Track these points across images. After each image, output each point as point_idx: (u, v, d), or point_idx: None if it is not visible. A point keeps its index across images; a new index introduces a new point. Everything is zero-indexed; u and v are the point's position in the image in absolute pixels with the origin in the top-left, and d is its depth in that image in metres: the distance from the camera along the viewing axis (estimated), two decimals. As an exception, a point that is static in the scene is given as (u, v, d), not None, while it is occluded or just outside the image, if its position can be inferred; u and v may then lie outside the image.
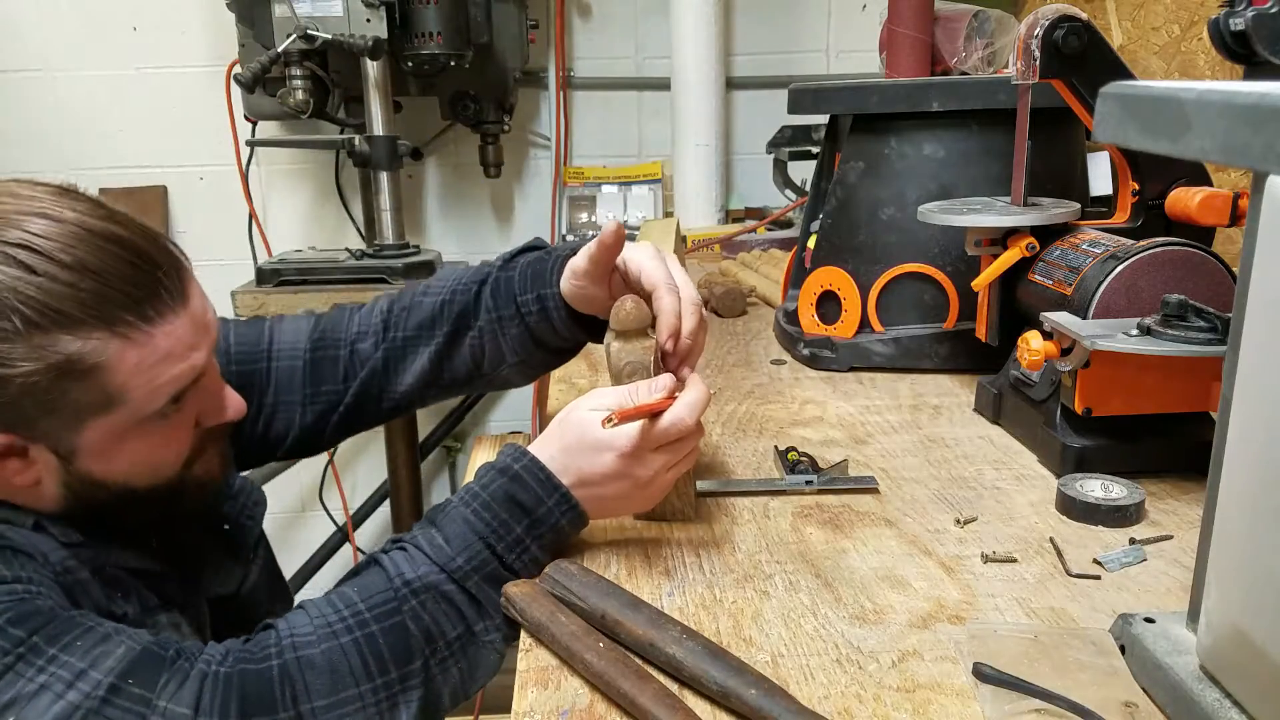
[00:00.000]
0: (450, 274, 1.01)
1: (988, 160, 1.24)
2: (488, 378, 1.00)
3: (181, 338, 0.77)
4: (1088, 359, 0.87)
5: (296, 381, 1.02)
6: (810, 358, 1.31)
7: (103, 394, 0.73)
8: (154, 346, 0.75)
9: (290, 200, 2.65)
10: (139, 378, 0.74)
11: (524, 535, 0.75)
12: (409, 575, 0.73)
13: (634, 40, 2.59)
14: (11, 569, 0.72)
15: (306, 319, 1.05)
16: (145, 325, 0.74)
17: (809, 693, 0.62)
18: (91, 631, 0.69)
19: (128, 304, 0.73)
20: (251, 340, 1.02)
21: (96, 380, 0.73)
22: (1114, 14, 1.83)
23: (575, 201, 2.52)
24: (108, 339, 0.72)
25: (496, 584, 0.74)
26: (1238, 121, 0.44)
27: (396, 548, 0.76)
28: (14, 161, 2.56)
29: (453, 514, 0.76)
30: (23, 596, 0.69)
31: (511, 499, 0.76)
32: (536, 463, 0.77)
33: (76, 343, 0.71)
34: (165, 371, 0.76)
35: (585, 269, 0.89)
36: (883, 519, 0.86)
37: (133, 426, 0.77)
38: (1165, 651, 0.60)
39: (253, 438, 1.02)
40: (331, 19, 2.01)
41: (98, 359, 0.72)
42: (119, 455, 0.78)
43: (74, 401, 0.73)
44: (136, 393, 0.75)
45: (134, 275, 0.74)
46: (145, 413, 0.76)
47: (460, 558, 0.74)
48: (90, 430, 0.75)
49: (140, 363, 0.74)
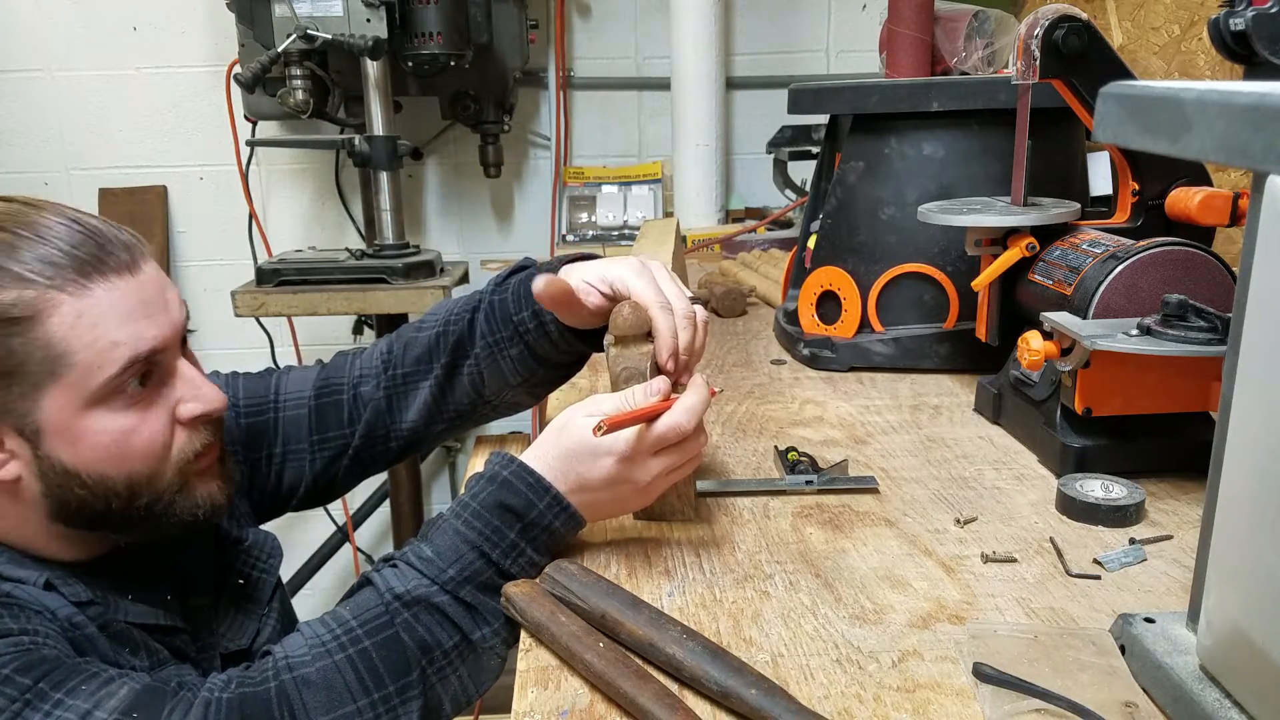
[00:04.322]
0: (444, 305, 1.01)
1: (988, 160, 1.24)
2: (493, 404, 1.00)
3: (125, 297, 0.77)
4: (1088, 359, 0.87)
5: (303, 430, 1.02)
6: (810, 358, 1.31)
7: (46, 351, 0.73)
8: (93, 301, 0.75)
9: (290, 200, 2.65)
10: (82, 335, 0.74)
11: (518, 539, 0.75)
12: (399, 589, 0.73)
13: (634, 40, 2.59)
14: (18, 622, 0.73)
15: (313, 369, 1.05)
16: (83, 279, 0.75)
17: (809, 693, 0.62)
18: (95, 676, 0.70)
19: (65, 261, 0.74)
20: (259, 393, 1.02)
21: (36, 334, 0.73)
22: (1114, 14, 1.83)
23: (575, 201, 2.52)
24: (42, 290, 0.73)
25: (495, 591, 0.75)
26: (1238, 121, 0.44)
27: (388, 565, 0.77)
28: (14, 161, 2.56)
29: (444, 526, 0.77)
30: (28, 647, 0.70)
31: (501, 505, 0.76)
32: (524, 467, 0.77)
33: (9, 293, 0.72)
34: (110, 331, 0.75)
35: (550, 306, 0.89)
36: (883, 519, 0.86)
37: (93, 400, 0.76)
38: (1165, 651, 0.60)
39: (265, 489, 1.03)
40: (331, 19, 2.01)
41: (32, 309, 0.73)
42: (85, 437, 0.77)
43: (21, 362, 0.73)
44: (82, 353, 0.74)
45: (76, 239, 0.76)
46: (100, 379, 0.75)
47: (452, 569, 0.74)
48: (48, 400, 0.75)
49: (80, 317, 0.74)
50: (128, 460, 0.79)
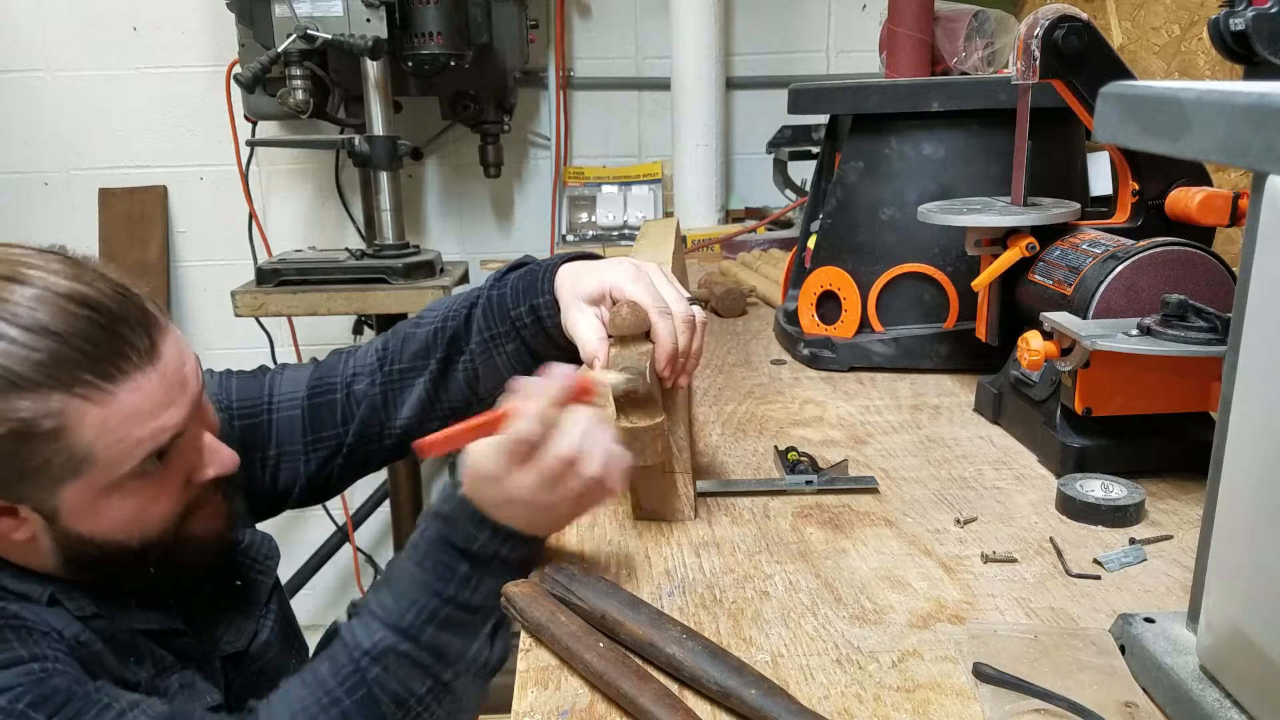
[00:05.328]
0: (444, 302, 1.00)
1: (988, 160, 1.24)
2: (487, 403, 0.97)
3: (150, 394, 0.76)
4: (1088, 359, 0.87)
5: (297, 430, 1.01)
6: (810, 358, 1.31)
7: (69, 455, 0.73)
8: (118, 404, 0.74)
9: (290, 200, 2.65)
10: (106, 437, 0.74)
11: (471, 572, 0.75)
12: (366, 645, 0.74)
13: (634, 40, 2.59)
14: (27, 647, 0.73)
15: (307, 367, 1.05)
16: (106, 384, 0.73)
17: (809, 693, 0.62)
18: (108, 709, 0.71)
19: (86, 363, 0.72)
20: (253, 394, 1.02)
21: (61, 442, 0.72)
22: (1114, 14, 1.83)
23: (575, 201, 2.52)
24: (66, 400, 0.71)
25: (455, 626, 0.75)
26: (1238, 121, 0.44)
27: (354, 614, 0.78)
28: (14, 161, 2.56)
29: (397, 569, 0.77)
30: (40, 676, 0.71)
31: (445, 541, 0.75)
32: (464, 501, 0.75)
33: (33, 406, 0.70)
34: (134, 430, 0.75)
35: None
36: (883, 519, 0.86)
37: (113, 486, 0.76)
38: (1165, 651, 0.60)
39: (261, 490, 1.03)
40: (331, 19, 2.01)
41: (57, 422, 0.71)
42: (102, 514, 0.78)
43: (43, 464, 0.73)
44: (106, 453, 0.74)
45: (95, 334, 0.73)
46: (120, 472, 0.76)
47: (409, 614, 0.74)
48: (68, 492, 0.75)
49: (105, 422, 0.73)
50: (144, 528, 0.81)
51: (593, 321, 0.83)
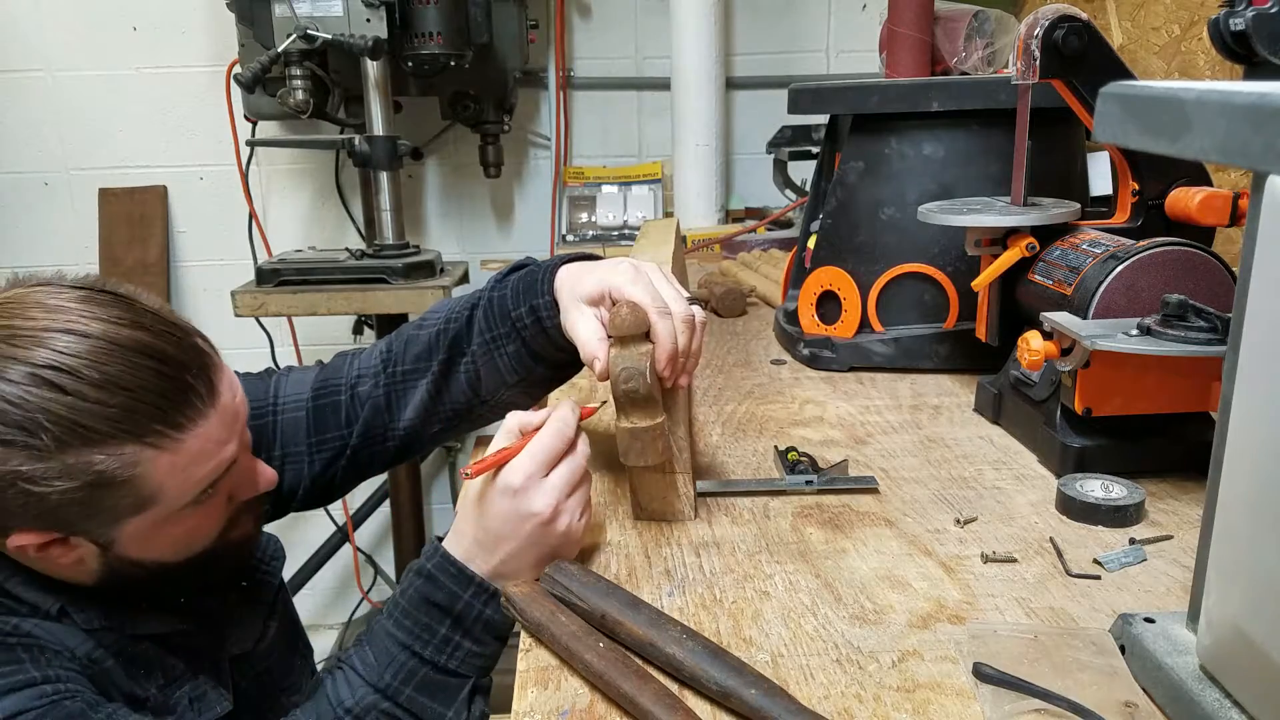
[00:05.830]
0: (446, 304, 1.01)
1: (988, 160, 1.24)
2: (489, 404, 0.99)
3: (213, 436, 0.79)
4: (1088, 359, 0.87)
5: (301, 432, 1.02)
6: (810, 358, 1.31)
7: (138, 498, 0.76)
8: (186, 450, 0.76)
9: (290, 200, 2.65)
10: (173, 479, 0.77)
11: (450, 634, 0.76)
12: (349, 703, 0.76)
13: (634, 40, 2.59)
14: (40, 668, 0.74)
15: (312, 369, 1.05)
16: (176, 433, 0.75)
17: (809, 693, 0.62)
18: None
19: (157, 415, 0.74)
20: (258, 396, 1.02)
21: (131, 487, 0.75)
22: (1114, 14, 1.83)
23: (575, 201, 2.52)
24: (139, 450, 0.74)
25: (432, 689, 0.76)
26: (1238, 121, 0.44)
27: (338, 668, 0.79)
28: (14, 161, 2.56)
29: (378, 627, 0.78)
30: (53, 699, 0.72)
31: (427, 601, 0.76)
32: (448, 558, 0.76)
33: (108, 459, 0.72)
34: (199, 470, 0.78)
35: None
36: (883, 519, 0.86)
37: (170, 516, 0.79)
38: (1165, 651, 0.60)
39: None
40: (331, 19, 2.01)
41: (131, 471, 0.74)
42: (155, 541, 0.80)
43: (111, 506, 0.75)
44: (171, 492, 0.77)
45: (163, 385, 0.75)
46: (180, 505, 0.79)
47: (387, 673, 0.76)
48: (128, 526, 0.77)
49: (173, 466, 0.76)
50: (190, 547, 0.84)
51: (592, 322, 0.83)
